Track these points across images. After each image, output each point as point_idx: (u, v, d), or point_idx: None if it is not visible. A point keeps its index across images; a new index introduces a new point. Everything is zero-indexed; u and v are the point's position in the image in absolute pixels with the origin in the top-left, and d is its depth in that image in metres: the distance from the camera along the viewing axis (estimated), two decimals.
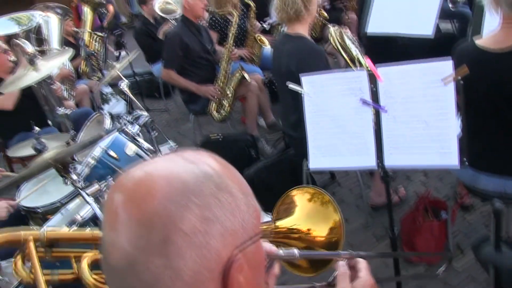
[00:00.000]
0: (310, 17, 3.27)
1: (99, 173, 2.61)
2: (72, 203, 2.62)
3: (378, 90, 2.18)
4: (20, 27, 4.56)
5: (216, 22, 5.38)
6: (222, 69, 4.72)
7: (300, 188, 1.91)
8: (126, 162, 2.68)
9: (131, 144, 2.75)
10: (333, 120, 2.27)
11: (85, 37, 6.90)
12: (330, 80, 2.29)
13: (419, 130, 2.09)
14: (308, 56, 3.08)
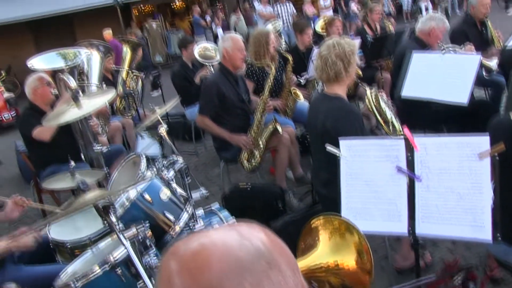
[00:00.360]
0: (349, 79, 3.36)
1: (132, 214, 2.69)
2: (103, 242, 2.70)
3: (414, 159, 2.25)
4: (66, 63, 4.74)
5: (254, 72, 5.54)
6: (256, 120, 4.82)
7: (320, 218, 1.96)
8: (159, 206, 2.77)
9: (165, 189, 2.83)
10: (368, 184, 2.33)
11: (123, 75, 7.15)
12: (368, 146, 2.37)
13: (452, 202, 2.13)
14: (345, 117, 3.15)
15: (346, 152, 2.41)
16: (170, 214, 2.76)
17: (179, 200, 2.89)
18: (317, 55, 3.39)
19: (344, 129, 3.08)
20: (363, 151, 2.38)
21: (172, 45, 19.13)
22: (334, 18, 6.85)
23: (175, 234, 2.75)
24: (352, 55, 3.24)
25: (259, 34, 5.54)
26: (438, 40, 4.97)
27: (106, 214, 2.08)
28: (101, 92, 4.25)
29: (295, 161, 5.21)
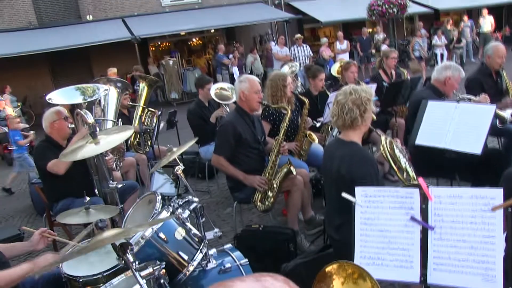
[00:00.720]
0: (365, 126, 3.44)
1: (146, 252, 2.75)
2: (116, 279, 2.74)
3: (428, 209, 2.31)
4: (84, 98, 4.86)
5: (270, 114, 5.66)
6: (270, 161, 4.90)
7: (334, 264, 2.00)
8: (174, 245, 2.82)
9: (180, 228, 2.90)
10: (382, 232, 2.38)
11: (138, 111, 7.29)
12: (383, 194, 2.43)
13: (464, 252, 2.18)
14: (360, 164, 3.21)
15: (361, 200, 2.47)
16: (184, 254, 2.81)
17: (194, 240, 2.94)
18: (334, 101, 3.47)
19: (358, 176, 3.15)
20: (378, 199, 2.44)
21: (188, 82, 19.44)
22: (350, 62, 6.97)
23: (188, 273, 2.80)
24: (368, 102, 3.33)
25: (276, 77, 5.68)
26: (454, 89, 5.07)
27: (124, 253, 2.14)
28: (119, 129, 4.36)
29: (306, 203, 5.27)
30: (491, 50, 5.75)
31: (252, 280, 0.93)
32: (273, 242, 4.52)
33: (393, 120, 6.64)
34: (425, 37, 20.23)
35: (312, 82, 6.66)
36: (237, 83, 5.16)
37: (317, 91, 6.67)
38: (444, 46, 19.25)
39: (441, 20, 24.63)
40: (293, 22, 22.57)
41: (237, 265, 3.15)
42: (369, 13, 17.21)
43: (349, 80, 6.74)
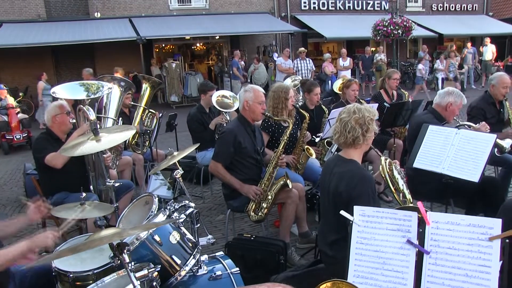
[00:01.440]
0: (366, 146, 3.45)
1: (139, 254, 2.73)
2: (108, 278, 2.73)
3: (425, 233, 2.31)
4: (88, 95, 4.86)
5: (270, 126, 5.66)
6: (267, 173, 4.90)
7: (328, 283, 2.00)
8: (167, 248, 2.81)
9: (176, 232, 2.89)
10: (377, 252, 2.38)
11: (139, 111, 7.28)
12: (381, 215, 2.44)
13: (459, 280, 2.17)
14: (358, 182, 3.21)
15: (359, 219, 2.48)
16: (177, 258, 2.80)
17: (187, 245, 2.93)
18: (337, 118, 3.48)
19: (356, 194, 3.16)
20: (376, 220, 2.45)
21: (189, 86, 19.46)
22: (351, 80, 6.98)
23: (180, 278, 2.78)
24: (371, 122, 3.35)
25: (279, 89, 5.67)
26: (454, 115, 5.09)
27: (120, 252, 2.13)
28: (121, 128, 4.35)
29: (301, 217, 5.25)
30: (496, 80, 5.79)
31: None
32: (263, 253, 4.49)
33: (392, 141, 6.66)
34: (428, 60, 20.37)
35: (307, 96, 6.67)
36: (241, 92, 5.17)
37: (313, 105, 6.68)
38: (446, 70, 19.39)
39: (444, 45, 24.79)
40: (298, 35, 22.69)
41: (228, 273, 3.13)
42: (374, 32, 17.31)
43: (350, 98, 6.76)
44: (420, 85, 17.52)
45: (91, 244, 2.06)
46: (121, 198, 5.28)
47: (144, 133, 6.82)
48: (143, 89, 7.55)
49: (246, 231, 5.80)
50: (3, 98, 12.74)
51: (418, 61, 20.34)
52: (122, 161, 6.48)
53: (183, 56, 22.07)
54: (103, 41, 17.77)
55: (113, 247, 2.15)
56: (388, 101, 7.05)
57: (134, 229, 2.31)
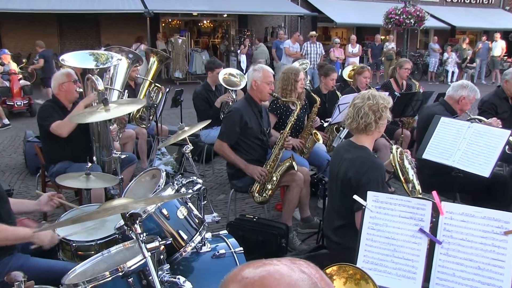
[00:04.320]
0: (378, 133, 3.45)
1: (146, 227, 2.73)
2: (114, 248, 2.75)
3: (438, 223, 2.32)
4: (97, 65, 4.85)
5: (278, 107, 5.66)
6: (273, 154, 4.90)
7: (334, 267, 2.02)
8: (174, 223, 2.82)
9: (183, 207, 2.89)
10: (388, 239, 2.39)
11: (145, 85, 7.26)
12: (394, 202, 2.44)
13: (470, 272, 2.18)
14: (369, 169, 3.22)
15: (372, 204, 2.48)
16: (183, 233, 2.80)
17: (194, 221, 2.94)
18: (350, 103, 3.48)
19: (366, 181, 3.17)
20: (389, 207, 2.45)
21: (194, 63, 19.37)
22: (364, 67, 6.96)
23: (184, 253, 2.80)
24: (385, 110, 3.34)
25: (289, 71, 5.66)
26: (466, 109, 5.08)
27: (133, 223, 2.14)
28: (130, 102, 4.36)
29: (304, 202, 5.27)
30: (509, 75, 5.76)
31: (289, 262, 1.00)
32: (265, 235, 4.53)
33: (399, 131, 6.66)
34: (438, 52, 20.27)
35: (323, 80, 6.68)
36: (250, 71, 5.15)
37: (327, 90, 6.69)
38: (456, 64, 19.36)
39: (456, 38, 24.62)
40: (307, 18, 22.54)
41: (231, 252, 3.14)
42: (385, 20, 17.19)
43: (361, 85, 6.75)
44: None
45: (104, 213, 2.06)
46: (123, 171, 5.29)
47: (150, 107, 6.81)
48: (150, 62, 7.53)
49: (247, 212, 5.81)
50: (6, 63, 12.69)
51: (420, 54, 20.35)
52: (125, 134, 6.47)
53: (189, 33, 21.93)
54: (109, 11, 17.65)
55: (125, 217, 2.16)
56: (397, 91, 7.03)
57: (147, 200, 2.31)
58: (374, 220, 2.45)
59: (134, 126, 7.10)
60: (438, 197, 2.36)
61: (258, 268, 0.94)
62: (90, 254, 3.01)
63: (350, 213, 3.22)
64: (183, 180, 3.22)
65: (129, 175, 5.44)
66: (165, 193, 2.99)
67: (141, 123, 7.17)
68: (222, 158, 7.02)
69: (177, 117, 8.65)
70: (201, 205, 3.21)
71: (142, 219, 2.68)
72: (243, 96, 5.50)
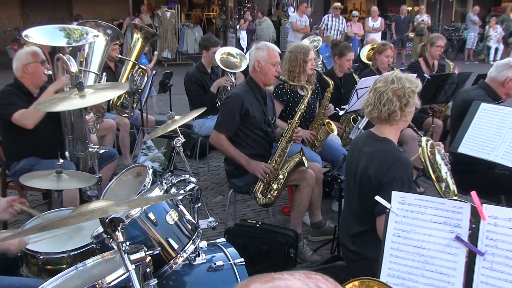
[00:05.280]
0: (403, 123, 3.42)
1: (129, 234, 2.72)
2: (91, 261, 2.73)
3: (479, 230, 2.29)
4: (69, 42, 4.80)
5: (284, 93, 5.63)
6: (279, 148, 4.88)
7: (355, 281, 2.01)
8: (163, 229, 2.81)
9: (173, 211, 2.88)
10: (418, 248, 2.37)
11: (127, 67, 7.24)
12: (424, 204, 2.42)
13: None
14: (393, 165, 3.20)
15: (398, 207, 2.46)
16: (174, 242, 2.79)
17: (186, 227, 2.93)
18: (371, 87, 3.45)
19: (389, 180, 3.15)
20: (418, 210, 2.43)
21: (185, 41, 19.34)
22: (386, 45, 6.91)
23: (175, 266, 2.79)
24: (412, 95, 3.30)
25: (297, 49, 5.61)
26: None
27: (113, 230, 2.13)
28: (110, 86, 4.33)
29: (315, 205, 5.26)
30: None
31: (303, 276, 0.97)
32: (270, 243, 4.52)
33: (429, 120, 6.63)
34: (478, 25, 20.05)
35: (338, 61, 6.64)
36: (252, 50, 5.10)
37: (342, 72, 6.66)
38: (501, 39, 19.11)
39: (501, 6, 24.29)
40: None
41: (230, 264, 3.14)
42: None
43: (382, 66, 6.72)
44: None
45: (78, 218, 2.05)
46: (102, 168, 5.27)
47: (134, 93, 6.78)
48: (133, 40, 7.49)
49: (249, 216, 5.81)
50: None
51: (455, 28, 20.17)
52: (103, 125, 6.45)
53: (179, 5, 21.84)
54: None
55: (104, 223, 2.14)
56: (427, 72, 6.99)
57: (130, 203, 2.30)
58: (400, 226, 2.43)
59: (114, 116, 7.09)
60: (478, 199, 2.34)
61: (267, 284, 0.93)
62: (61, 269, 3.01)
63: (371, 218, 3.20)
64: (173, 178, 3.21)
65: (109, 174, 5.43)
66: (152, 194, 2.97)
67: (122, 111, 7.15)
68: (219, 153, 7.04)
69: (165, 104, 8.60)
70: (194, 208, 3.18)
71: (125, 225, 2.67)
72: (244, 79, 5.47)
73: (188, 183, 3.19)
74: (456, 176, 3.97)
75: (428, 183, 6.11)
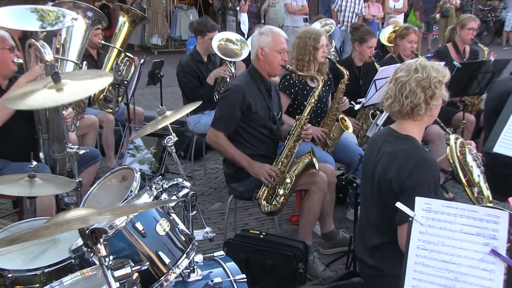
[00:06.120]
0: (429, 118, 3.41)
1: (113, 247, 2.72)
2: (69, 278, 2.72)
3: None
4: (43, 26, 4.77)
5: (291, 85, 5.62)
6: (286, 147, 4.87)
7: None
8: (152, 241, 2.81)
9: (164, 220, 2.88)
10: (446, 264, 2.35)
11: (112, 54, 7.21)
12: (454, 212, 2.41)
13: None
14: (416, 167, 3.18)
15: (422, 215, 2.45)
16: (165, 255, 2.78)
17: (179, 239, 2.93)
18: (391, 77, 3.44)
19: (413, 184, 3.14)
20: (446, 218, 2.41)
21: (178, 25, 19.30)
22: (409, 28, 6.88)
23: (167, 283, 2.78)
24: (439, 86, 3.28)
25: (306, 35, 5.59)
26: None
27: (95, 242, 2.12)
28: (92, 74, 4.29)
29: (327, 212, 5.26)
30: None
31: None
32: (276, 257, 4.51)
33: (460, 115, 6.61)
34: None
35: (358, 48, 6.62)
36: (255, 35, 5.10)
37: (363, 61, 6.65)
38: None
39: None
40: None
41: (230, 281, 3.16)
42: None
43: (405, 53, 6.70)
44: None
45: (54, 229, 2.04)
46: (82, 172, 5.25)
47: (120, 84, 6.76)
48: (119, 23, 7.47)
49: (251, 226, 5.81)
50: None
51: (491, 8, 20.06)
52: (84, 122, 6.42)
53: None
54: None
55: (84, 234, 2.14)
56: (457, 60, 6.97)
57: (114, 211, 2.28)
58: (426, 237, 2.41)
59: (96, 111, 7.09)
60: None
61: None
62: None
63: (392, 227, 3.20)
64: (164, 183, 3.21)
65: (91, 178, 5.41)
66: (140, 201, 2.97)
67: (106, 106, 7.14)
68: (217, 154, 7.04)
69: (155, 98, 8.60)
70: (189, 217, 3.18)
71: (108, 237, 2.67)
72: (245, 69, 5.46)
73: (182, 188, 3.19)
74: (491, 179, 3.95)
75: (458, 188, 6.11)
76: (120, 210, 2.52)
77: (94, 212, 2.18)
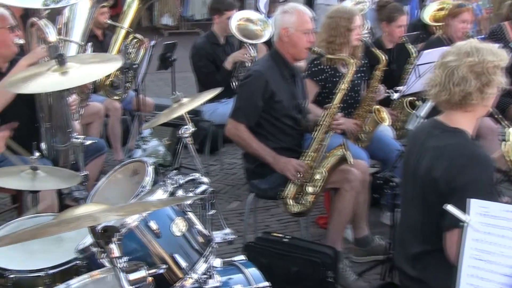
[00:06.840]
0: (483, 108, 3.35)
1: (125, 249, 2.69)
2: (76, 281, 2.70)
3: None
4: (46, 3, 4.76)
5: (320, 71, 5.59)
6: (315, 140, 4.83)
7: None
8: (168, 242, 2.80)
9: (180, 220, 2.85)
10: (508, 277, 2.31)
11: (120, 35, 7.19)
12: None
13: None
14: (468, 164, 3.14)
15: (478, 220, 2.39)
16: (181, 258, 2.76)
17: (196, 241, 2.91)
18: (437, 63, 3.38)
19: (463, 184, 3.08)
20: (506, 224, 2.36)
21: (191, 4, 19.27)
22: (462, 6, 6.75)
23: None
24: (496, 72, 3.22)
25: (338, 14, 5.57)
26: None
27: (107, 242, 2.09)
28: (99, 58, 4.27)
29: (361, 215, 5.22)
30: None
31: None
32: (302, 264, 4.49)
33: None
34: None
35: (386, 28, 6.62)
36: (278, 14, 5.07)
37: (393, 43, 6.63)
38: None
39: None
40: None
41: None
42: None
43: (456, 34, 6.59)
44: None
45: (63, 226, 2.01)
46: (86, 164, 5.24)
47: (129, 68, 6.75)
48: (127, 1, 7.46)
49: (273, 228, 5.79)
50: None
51: None
52: (88, 110, 6.43)
53: None
54: None
55: (96, 233, 2.11)
56: None
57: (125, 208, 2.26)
58: (481, 245, 2.36)
59: (102, 98, 7.09)
60: None
61: None
62: None
63: (438, 234, 3.15)
64: (179, 178, 3.18)
65: (96, 171, 5.41)
66: (154, 198, 2.94)
67: (113, 93, 7.15)
68: (234, 147, 7.02)
69: (166, 84, 8.57)
70: (206, 216, 3.15)
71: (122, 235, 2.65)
72: (267, 53, 5.43)
73: (199, 184, 3.16)
74: None
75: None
76: (131, 208, 2.50)
77: (105, 209, 2.15)
